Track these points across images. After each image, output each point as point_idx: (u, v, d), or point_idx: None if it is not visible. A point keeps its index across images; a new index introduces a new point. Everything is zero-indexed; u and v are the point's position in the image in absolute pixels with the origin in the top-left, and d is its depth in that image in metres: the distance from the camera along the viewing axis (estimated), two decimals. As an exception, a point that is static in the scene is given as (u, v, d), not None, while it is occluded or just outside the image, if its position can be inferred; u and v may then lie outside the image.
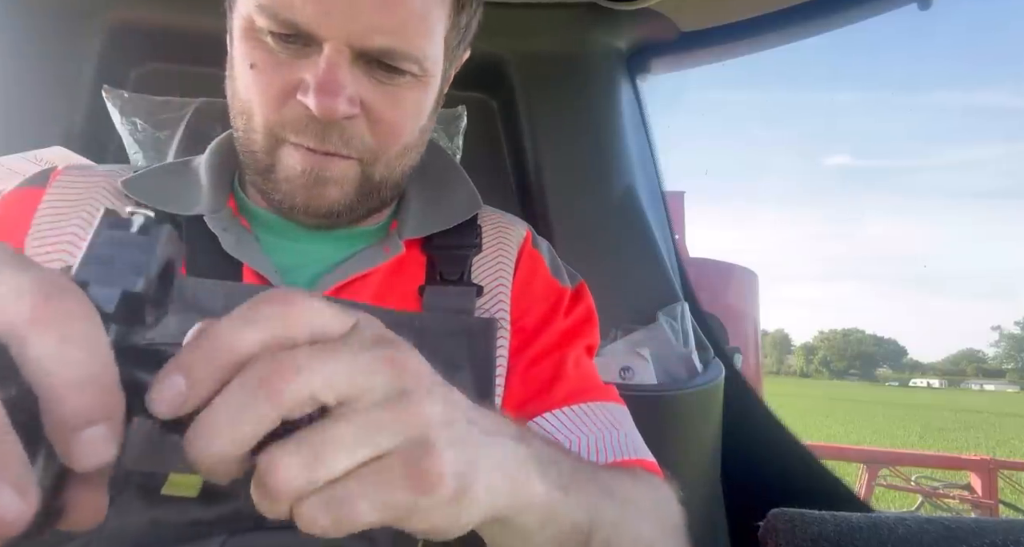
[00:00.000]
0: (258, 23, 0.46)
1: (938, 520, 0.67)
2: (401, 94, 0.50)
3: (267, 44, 0.47)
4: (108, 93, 0.92)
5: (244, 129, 0.52)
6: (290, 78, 0.47)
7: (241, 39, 0.49)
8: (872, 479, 3.85)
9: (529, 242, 0.64)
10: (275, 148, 0.50)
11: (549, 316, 0.59)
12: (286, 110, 0.48)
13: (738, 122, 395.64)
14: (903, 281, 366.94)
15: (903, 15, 0.99)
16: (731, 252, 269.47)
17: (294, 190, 0.51)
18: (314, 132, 0.48)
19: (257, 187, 0.55)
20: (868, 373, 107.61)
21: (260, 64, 0.48)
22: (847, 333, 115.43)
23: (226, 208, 0.55)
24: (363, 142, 0.50)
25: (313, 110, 0.46)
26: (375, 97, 0.49)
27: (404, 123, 0.52)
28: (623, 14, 1.03)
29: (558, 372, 0.56)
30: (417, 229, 0.58)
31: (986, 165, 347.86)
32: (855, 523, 0.68)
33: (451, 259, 0.58)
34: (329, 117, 0.47)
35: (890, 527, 0.66)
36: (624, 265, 1.03)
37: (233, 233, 0.53)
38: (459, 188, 0.64)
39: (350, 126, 0.49)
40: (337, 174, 0.50)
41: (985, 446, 9.99)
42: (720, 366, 1.01)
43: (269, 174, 0.52)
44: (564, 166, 1.06)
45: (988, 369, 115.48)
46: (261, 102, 0.49)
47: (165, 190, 0.55)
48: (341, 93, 0.46)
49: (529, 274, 0.61)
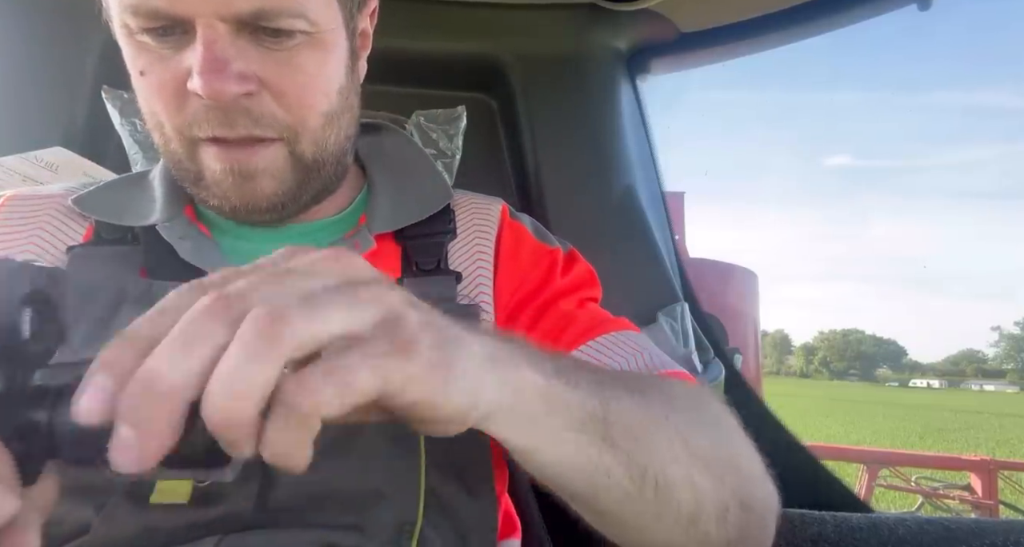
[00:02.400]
0: (130, 24, 0.44)
1: (938, 520, 0.67)
2: (297, 58, 0.46)
3: (148, 45, 0.45)
4: (108, 94, 0.92)
5: (163, 142, 0.49)
6: (178, 72, 0.45)
7: (126, 48, 0.47)
8: (872, 479, 3.85)
9: (507, 215, 0.62)
10: (194, 152, 0.48)
11: (546, 278, 0.57)
12: (186, 106, 0.46)
13: (738, 122, 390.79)
14: (903, 281, 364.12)
15: (903, 15, 0.99)
16: (731, 252, 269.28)
17: (226, 191, 0.49)
18: (218, 119, 0.45)
19: (198, 199, 0.53)
20: (868, 374, 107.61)
21: (147, 68, 0.46)
22: (847, 333, 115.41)
23: (182, 216, 0.53)
24: (275, 119, 0.47)
25: (201, 93, 0.43)
26: (270, 67, 0.46)
27: (311, 89, 0.48)
28: (623, 15, 1.03)
29: (566, 319, 0.54)
30: (388, 222, 0.56)
31: (986, 165, 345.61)
32: (855, 523, 0.68)
33: (425, 248, 0.56)
34: (219, 97, 0.43)
35: (890, 527, 0.66)
36: (624, 265, 1.03)
37: (191, 240, 0.51)
38: (428, 177, 0.62)
39: (254, 105, 0.46)
40: (264, 164, 0.48)
41: (985, 446, 9.99)
42: (720, 366, 1.01)
43: (199, 181, 0.50)
44: (564, 166, 1.06)
45: (988, 369, 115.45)
46: (162, 106, 0.47)
47: (118, 203, 0.53)
48: (225, 69, 0.43)
49: (514, 245, 0.59)
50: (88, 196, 0.54)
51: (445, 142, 0.98)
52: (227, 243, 0.54)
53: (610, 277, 1.06)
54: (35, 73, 0.96)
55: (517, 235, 0.60)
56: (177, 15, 0.43)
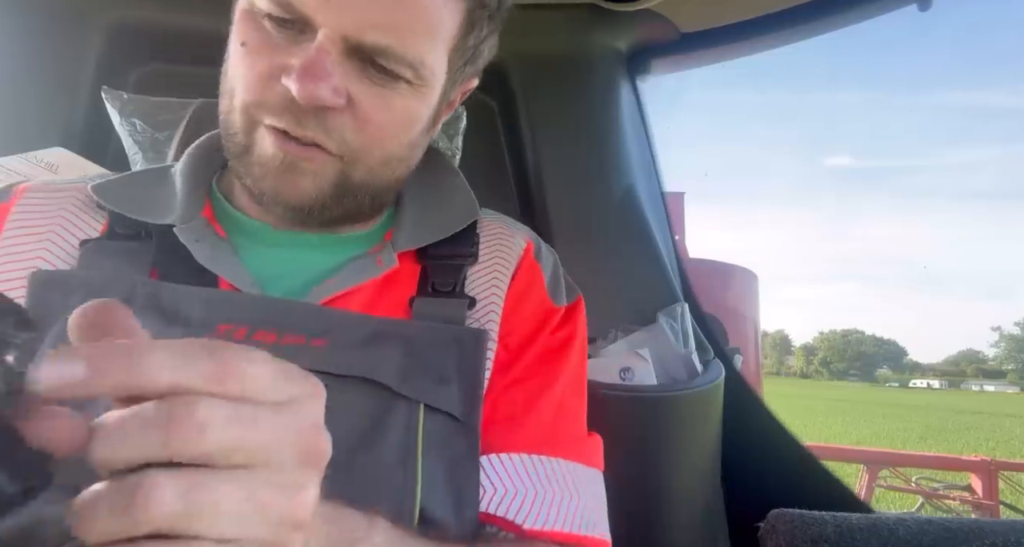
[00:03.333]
0: (258, 4, 0.46)
1: (938, 521, 0.67)
2: (393, 98, 0.48)
3: (263, 26, 0.46)
4: (108, 94, 0.92)
5: (226, 110, 0.50)
6: (278, 61, 0.46)
7: (239, 18, 0.48)
8: (872, 480, 3.85)
9: (531, 254, 0.61)
10: (252, 129, 0.49)
11: (533, 335, 0.57)
12: (268, 92, 0.46)
13: (738, 123, 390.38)
14: (903, 282, 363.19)
15: (903, 15, 0.99)
16: (731, 253, 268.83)
17: (266, 174, 0.49)
18: (292, 116, 0.46)
19: (235, 172, 0.53)
20: (868, 374, 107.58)
21: (251, 43, 0.47)
22: (847, 334, 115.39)
23: (200, 217, 0.53)
24: (344, 138, 0.48)
25: (294, 93, 0.44)
26: (365, 94, 0.47)
27: (392, 128, 0.50)
28: (623, 15, 1.03)
29: (531, 407, 0.54)
30: (412, 240, 0.56)
31: (986, 166, 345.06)
32: (855, 524, 0.68)
33: (445, 270, 0.56)
34: (309, 101, 0.45)
35: (890, 528, 0.66)
36: (624, 266, 1.03)
37: (207, 243, 0.51)
38: (457, 194, 0.62)
39: (332, 117, 0.47)
40: (313, 167, 0.49)
41: (985, 447, 9.99)
42: (720, 367, 1.01)
43: (245, 156, 0.50)
44: (564, 167, 1.06)
45: (988, 370, 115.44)
46: (245, 82, 0.47)
47: (137, 197, 0.53)
48: (326, 79, 0.44)
49: (524, 289, 0.58)
50: (108, 186, 0.54)
51: (445, 142, 0.98)
52: (245, 246, 0.54)
53: (610, 277, 1.06)
54: (35, 73, 0.96)
55: (532, 279, 0.60)
56: (308, 18, 0.45)
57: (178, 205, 0.53)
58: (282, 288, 0.52)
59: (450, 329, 0.52)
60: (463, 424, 0.50)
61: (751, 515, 0.81)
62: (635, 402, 0.90)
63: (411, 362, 0.49)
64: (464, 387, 0.51)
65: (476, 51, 0.55)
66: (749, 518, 0.82)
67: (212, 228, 0.53)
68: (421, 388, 0.49)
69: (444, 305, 0.54)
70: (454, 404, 0.50)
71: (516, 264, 0.59)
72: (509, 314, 0.56)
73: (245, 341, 0.45)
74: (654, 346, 0.97)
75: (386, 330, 0.50)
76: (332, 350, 0.47)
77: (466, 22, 0.50)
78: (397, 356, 0.49)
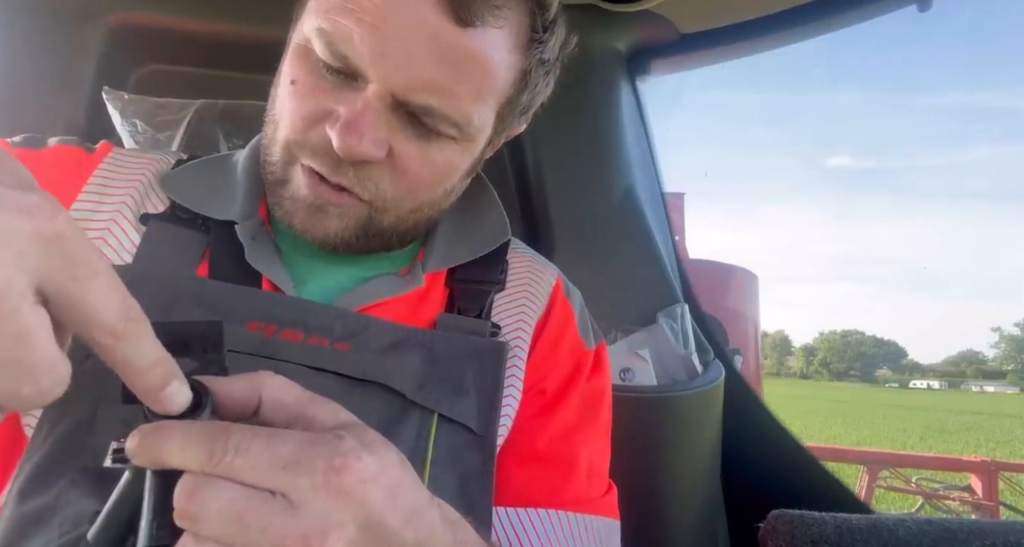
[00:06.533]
0: (313, 46, 0.46)
1: (938, 521, 0.67)
2: (434, 153, 0.49)
3: (315, 67, 0.47)
4: (108, 94, 0.92)
5: (268, 138, 0.51)
6: (325, 105, 0.46)
7: (293, 54, 0.48)
8: (872, 481, 3.85)
9: (560, 290, 0.62)
10: (289, 165, 0.49)
11: (571, 380, 0.57)
12: (311, 133, 0.47)
13: (738, 123, 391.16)
14: (903, 282, 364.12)
15: (903, 16, 0.99)
16: (731, 253, 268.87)
17: (296, 210, 0.50)
18: (330, 160, 0.47)
19: (268, 197, 0.54)
20: (868, 374, 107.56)
21: (300, 83, 0.47)
22: (847, 334, 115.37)
23: (257, 216, 0.54)
24: (378, 187, 0.49)
25: (334, 145, 0.45)
26: (406, 148, 0.48)
27: (429, 181, 0.50)
28: (623, 16, 1.03)
29: (571, 467, 0.54)
30: (442, 260, 0.56)
31: (986, 167, 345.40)
32: (855, 524, 0.68)
33: (471, 294, 0.56)
34: (348, 155, 0.45)
35: (890, 528, 0.66)
36: (624, 266, 1.03)
37: (259, 242, 0.52)
38: (489, 215, 0.62)
39: (370, 168, 0.47)
40: (340, 210, 0.49)
41: (985, 448, 10.00)
42: (720, 367, 1.01)
43: (278, 189, 0.51)
44: (564, 167, 1.06)
45: (988, 370, 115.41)
46: (290, 119, 0.48)
47: (202, 190, 0.54)
48: (367, 134, 0.45)
49: (560, 329, 0.59)
50: (176, 175, 0.55)
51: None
52: (288, 250, 0.54)
53: (610, 278, 1.06)
54: (36, 74, 0.96)
55: (565, 319, 0.60)
56: (360, 71, 0.45)
57: (239, 201, 0.54)
58: (315, 291, 0.53)
59: (472, 340, 0.53)
60: (478, 437, 0.50)
61: (751, 515, 0.81)
62: (635, 403, 0.91)
63: (430, 371, 0.50)
64: (482, 400, 0.51)
65: (529, 105, 0.55)
66: (749, 518, 0.82)
67: (265, 229, 0.54)
68: (437, 398, 0.49)
69: (468, 323, 0.54)
70: (470, 416, 0.50)
71: (547, 299, 0.60)
72: (544, 355, 0.57)
73: (272, 338, 0.46)
74: (654, 347, 0.97)
75: (409, 338, 0.50)
76: (353, 354, 0.48)
77: (521, 80, 0.51)
78: (416, 364, 0.49)
